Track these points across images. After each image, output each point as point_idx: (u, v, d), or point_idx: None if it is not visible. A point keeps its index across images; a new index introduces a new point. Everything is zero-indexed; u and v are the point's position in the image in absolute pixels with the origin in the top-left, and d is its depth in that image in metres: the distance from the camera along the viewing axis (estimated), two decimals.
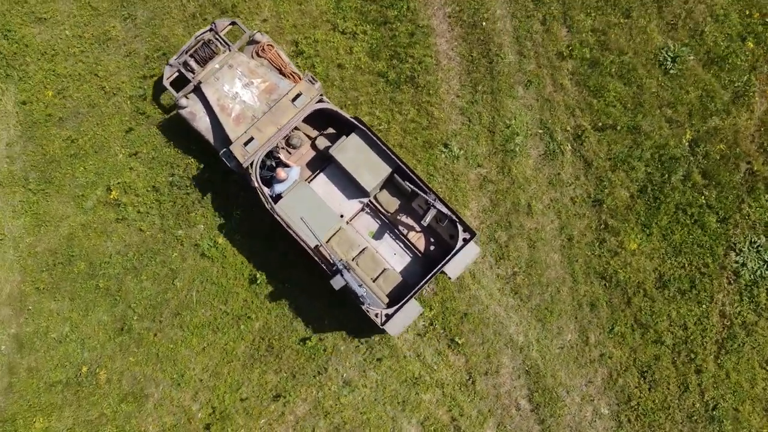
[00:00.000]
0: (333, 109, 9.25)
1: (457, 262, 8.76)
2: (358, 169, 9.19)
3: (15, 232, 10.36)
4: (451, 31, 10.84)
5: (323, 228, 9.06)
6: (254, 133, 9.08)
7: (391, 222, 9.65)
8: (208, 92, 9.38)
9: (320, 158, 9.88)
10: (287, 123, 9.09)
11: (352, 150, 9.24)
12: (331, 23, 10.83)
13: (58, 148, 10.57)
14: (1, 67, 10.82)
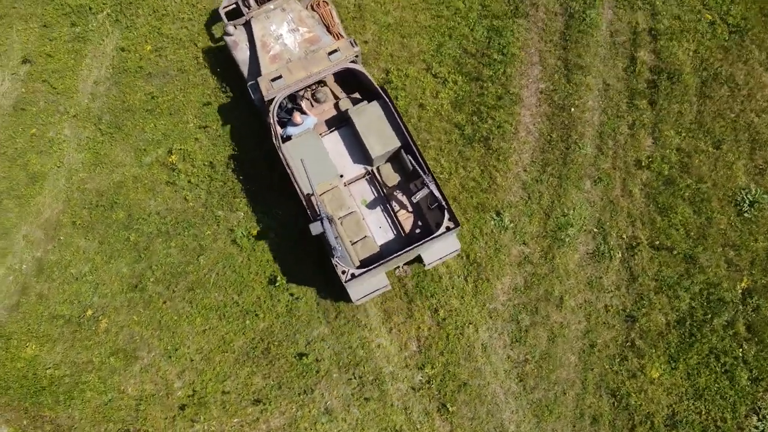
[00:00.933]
0: (363, 73, 9.55)
1: (435, 250, 9.11)
2: (369, 135, 9.44)
3: (72, 164, 10.72)
4: (538, 106, 10.82)
5: (320, 178, 9.26)
6: (284, 73, 9.40)
7: (386, 197, 9.77)
8: (255, 27, 9.81)
9: (338, 119, 10.08)
10: (317, 72, 9.40)
11: (369, 115, 9.51)
12: (426, 63, 10.97)
13: (137, 99, 10.95)
14: (114, 12, 11.36)
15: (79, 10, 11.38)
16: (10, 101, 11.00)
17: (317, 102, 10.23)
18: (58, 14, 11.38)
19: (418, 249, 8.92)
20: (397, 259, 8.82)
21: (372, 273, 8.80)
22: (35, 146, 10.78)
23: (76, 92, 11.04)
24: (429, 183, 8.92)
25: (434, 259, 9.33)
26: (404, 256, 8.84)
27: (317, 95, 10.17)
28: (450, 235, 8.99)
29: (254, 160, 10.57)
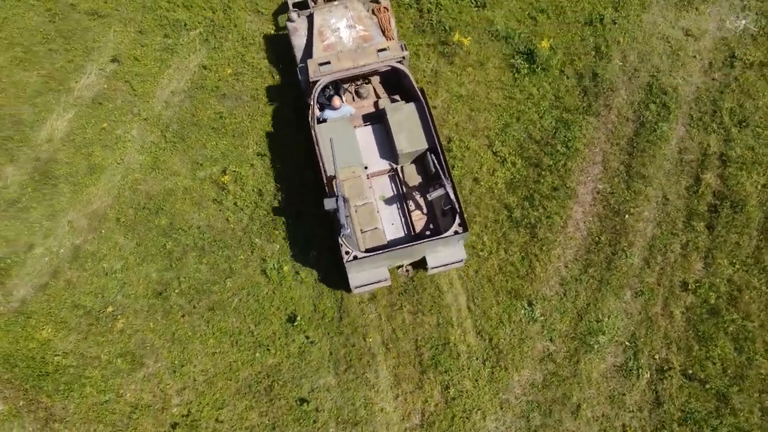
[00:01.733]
0: (406, 74, 9.99)
1: (440, 254, 9.32)
2: (400, 133, 9.76)
3: (131, 164, 11.07)
4: (592, 205, 10.67)
5: (345, 163, 9.52)
6: (333, 60, 9.91)
7: (404, 195, 10.03)
8: (316, 18, 10.48)
9: (375, 116, 10.49)
10: (364, 65, 9.89)
11: (404, 114, 9.85)
12: (489, 140, 11.03)
13: (206, 116, 11.33)
14: (206, 31, 11.92)
15: (174, 24, 11.99)
16: (91, 93, 11.54)
17: (359, 97, 10.73)
18: (155, 24, 12.01)
19: (425, 247, 9.01)
20: (402, 253, 8.97)
21: (374, 261, 8.92)
22: (102, 140, 11.21)
23: (153, 98, 11.51)
24: (447, 184, 9.07)
25: (438, 264, 9.37)
26: (410, 250, 8.95)
27: (360, 90, 10.69)
28: (457, 242, 9.14)
29: (302, 199, 10.69)
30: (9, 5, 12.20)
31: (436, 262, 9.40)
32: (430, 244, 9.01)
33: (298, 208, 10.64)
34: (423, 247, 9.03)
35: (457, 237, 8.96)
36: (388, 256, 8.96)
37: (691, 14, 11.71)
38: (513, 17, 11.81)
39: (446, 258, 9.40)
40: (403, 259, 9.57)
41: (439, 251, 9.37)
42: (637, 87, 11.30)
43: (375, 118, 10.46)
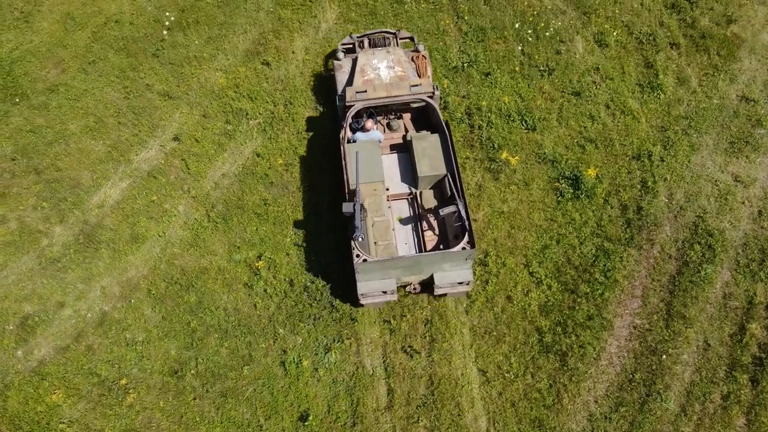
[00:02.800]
0: (434, 108, 10.80)
1: (447, 274, 9.67)
2: (422, 158, 10.43)
3: (172, 238, 11.33)
4: (628, 340, 10.25)
5: (367, 178, 10.16)
6: (369, 89, 10.82)
7: (420, 217, 10.61)
8: (360, 58, 11.44)
9: (402, 147, 11.38)
10: (396, 96, 10.79)
11: (427, 143, 10.56)
12: (526, 259, 10.92)
13: (251, 201, 11.65)
14: (265, 122, 12.54)
15: (237, 112, 12.67)
16: (147, 167, 12.09)
17: (390, 129, 11.68)
18: (219, 110, 12.72)
19: (433, 261, 9.39)
20: (410, 264, 9.36)
21: (383, 267, 9.33)
22: (149, 211, 11.58)
23: (204, 177, 11.96)
24: (459, 203, 9.61)
25: (445, 283, 9.72)
26: (418, 262, 9.37)
27: (392, 124, 11.66)
28: (464, 261, 9.48)
29: (333, 295, 10.65)
30: (92, 79, 13.18)
31: (444, 281, 9.72)
32: (439, 261, 9.37)
33: (328, 304, 10.56)
34: (431, 261, 9.38)
35: (464, 254, 9.27)
36: (397, 265, 9.32)
37: (741, 161, 11.72)
38: (561, 143, 12.06)
39: (453, 277, 9.70)
40: (411, 274, 9.82)
41: (446, 270, 9.67)
42: (682, 225, 11.16)
43: (401, 148, 11.38)
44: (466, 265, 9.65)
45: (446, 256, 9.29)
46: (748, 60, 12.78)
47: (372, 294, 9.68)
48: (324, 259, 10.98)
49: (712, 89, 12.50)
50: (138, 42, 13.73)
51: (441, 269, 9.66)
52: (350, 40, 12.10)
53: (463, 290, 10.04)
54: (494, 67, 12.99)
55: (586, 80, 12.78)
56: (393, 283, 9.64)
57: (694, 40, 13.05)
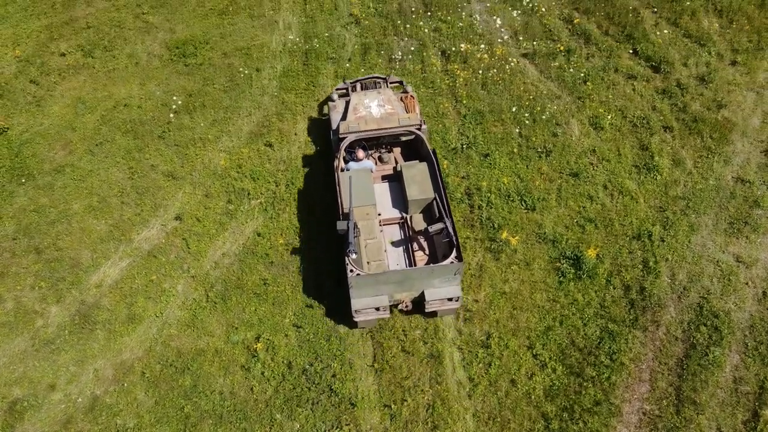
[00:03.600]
0: (422, 138, 11.67)
1: (437, 290, 10.20)
2: (412, 184, 11.20)
3: (169, 319, 11.17)
4: (638, 427, 9.86)
5: (360, 202, 10.80)
6: (361, 122, 11.71)
7: (411, 239, 11.21)
8: (353, 98, 12.38)
9: (393, 177, 12.13)
10: (386, 128, 11.69)
11: (416, 170, 11.38)
12: (529, 341, 10.70)
13: (251, 281, 11.56)
14: (266, 202, 12.66)
15: (239, 192, 12.83)
16: (148, 246, 12.10)
17: (381, 162, 12.40)
18: (221, 190, 12.90)
19: (423, 276, 9.96)
20: (401, 278, 9.89)
21: (376, 282, 9.86)
22: (148, 291, 11.48)
23: (205, 257, 11.94)
24: (446, 219, 10.19)
25: (435, 298, 10.24)
26: (409, 277, 9.91)
27: (383, 157, 12.39)
28: (453, 276, 10.02)
29: (332, 379, 10.36)
30: (98, 160, 13.46)
31: (434, 296, 10.23)
32: (428, 275, 9.95)
33: (328, 384, 10.25)
34: (421, 276, 9.97)
35: (452, 268, 9.83)
36: (389, 279, 9.85)
37: (742, 241, 11.74)
38: (561, 223, 12.12)
39: (443, 293, 10.23)
40: (402, 291, 10.29)
41: (436, 286, 10.21)
42: (686, 306, 11.02)
43: (392, 178, 12.15)
44: (455, 280, 10.17)
45: (435, 270, 9.86)
46: (741, 143, 13.08)
47: (365, 310, 10.18)
48: (327, 340, 10.76)
49: (707, 170, 12.70)
50: (145, 124, 14.12)
51: (431, 285, 10.19)
52: (344, 85, 13.18)
53: (452, 307, 10.54)
54: (493, 148, 13.27)
55: (584, 161, 13.02)
56: (385, 299, 10.17)
57: (687, 124, 13.40)
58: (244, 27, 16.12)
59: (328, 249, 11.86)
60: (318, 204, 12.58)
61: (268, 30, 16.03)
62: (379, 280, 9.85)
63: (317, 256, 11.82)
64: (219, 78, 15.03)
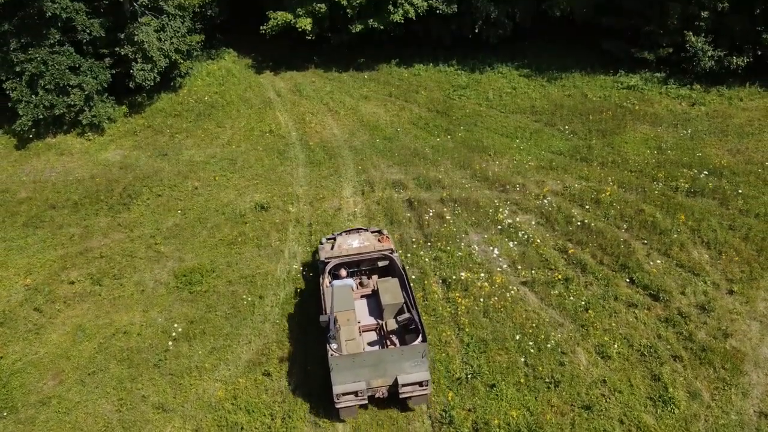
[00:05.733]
0: (393, 260, 14.19)
1: (408, 375, 11.69)
2: (385, 293, 13.40)
3: None
4: None
5: (341, 308, 12.47)
6: (343, 251, 14.32)
7: (385, 338, 13.04)
8: (338, 240, 14.84)
9: (371, 296, 14.28)
10: (363, 252, 14.31)
11: (389, 284, 13.72)
12: None
13: None
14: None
15: (232, 427, 12.00)
16: None
17: (362, 286, 14.52)
18: (213, 424, 12.10)
19: (394, 356, 11.61)
20: (375, 360, 11.62)
21: (353, 368, 11.52)
22: None
23: None
24: (412, 311, 12.62)
25: (407, 381, 11.70)
26: (383, 360, 11.61)
27: (363, 282, 14.61)
28: (421, 359, 11.61)
29: None
30: (87, 390, 12.95)
31: (406, 380, 11.69)
32: (398, 358, 11.59)
33: None
34: (392, 358, 11.59)
35: (419, 348, 11.57)
36: (364, 362, 11.57)
37: None
38: None
39: (414, 376, 11.71)
40: (378, 377, 11.78)
41: (407, 371, 11.70)
42: None
43: (370, 296, 14.28)
44: (423, 365, 11.71)
45: (404, 352, 11.63)
46: (755, 374, 12.63)
47: (346, 394, 11.58)
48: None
49: (727, 404, 12.05)
50: (142, 352, 13.85)
51: (402, 370, 11.70)
52: (332, 236, 15.30)
53: (423, 393, 11.95)
54: (498, 378, 12.79)
55: (595, 393, 12.44)
56: (363, 385, 11.65)
57: (696, 353, 13.09)
58: (251, 256, 16.75)
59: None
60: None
61: (274, 259, 16.63)
62: (356, 363, 11.54)
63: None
64: (222, 305, 15.16)
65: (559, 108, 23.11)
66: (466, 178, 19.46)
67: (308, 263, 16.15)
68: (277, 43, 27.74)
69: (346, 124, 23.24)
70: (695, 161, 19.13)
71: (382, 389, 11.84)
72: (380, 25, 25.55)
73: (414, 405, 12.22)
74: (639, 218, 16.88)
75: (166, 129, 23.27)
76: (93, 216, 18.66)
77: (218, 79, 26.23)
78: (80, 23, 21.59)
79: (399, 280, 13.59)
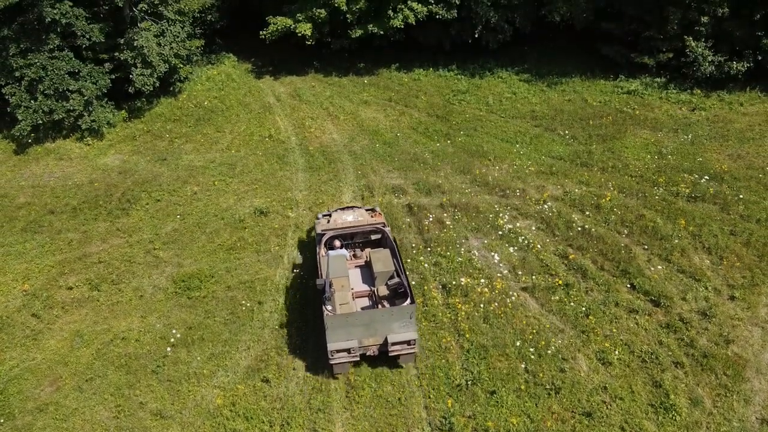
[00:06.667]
0: (385, 232, 15.21)
1: (396, 334, 12.62)
2: (377, 262, 14.30)
3: None
4: None
5: (336, 275, 13.58)
6: (338, 224, 15.41)
7: (377, 304, 13.98)
8: (333, 215, 15.90)
9: (364, 266, 15.27)
10: (356, 225, 15.38)
11: (381, 254, 14.63)
12: None
13: None
14: None
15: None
16: None
17: (355, 257, 15.61)
18: (211, 431, 12.03)
19: (383, 316, 12.55)
20: (367, 319, 12.57)
21: (346, 326, 12.43)
22: None
23: None
24: (402, 276, 13.42)
25: (396, 340, 12.63)
26: (373, 319, 12.54)
27: (357, 254, 15.70)
28: (409, 319, 12.54)
29: None
30: (85, 397, 12.85)
31: (395, 339, 12.62)
32: (388, 318, 12.52)
33: None
34: (382, 318, 12.52)
35: (407, 309, 12.52)
36: (356, 321, 12.51)
37: None
38: None
39: (402, 337, 12.63)
40: (369, 335, 12.71)
41: (396, 331, 12.63)
42: None
43: (363, 267, 15.26)
44: (411, 325, 12.63)
45: (394, 312, 12.56)
46: (757, 380, 12.54)
47: (339, 351, 12.50)
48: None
49: (729, 411, 11.96)
50: (140, 359, 13.76)
51: (391, 330, 12.61)
52: (328, 212, 16.35)
53: (411, 352, 12.93)
54: (499, 385, 12.70)
55: (596, 400, 12.35)
56: (355, 343, 12.54)
57: (697, 360, 13.01)
58: (250, 262, 16.67)
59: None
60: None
61: (273, 264, 16.55)
62: (348, 322, 12.42)
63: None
64: (221, 311, 15.08)
65: (559, 113, 23.09)
66: (466, 183, 19.41)
67: (307, 267, 16.06)
68: (277, 48, 27.73)
69: (345, 129, 23.20)
70: (696, 166, 19.09)
71: (373, 348, 12.80)
72: (380, 30, 25.58)
73: (403, 363, 13.19)
74: (640, 223, 16.82)
75: (166, 134, 23.23)
76: (92, 221, 18.59)
77: (218, 83, 26.20)
78: (80, 28, 21.57)
79: (390, 251, 14.52)
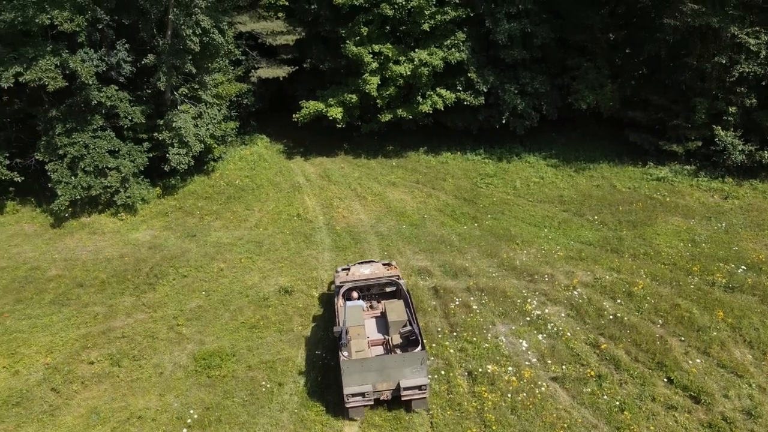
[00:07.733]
0: (399, 285, 16.10)
1: (409, 379, 13.40)
2: (391, 312, 14.99)
3: None
4: None
5: (352, 323, 14.42)
6: (353, 274, 16.40)
7: (390, 350, 14.68)
8: (352, 269, 16.75)
9: (379, 317, 15.85)
10: (372, 278, 16.23)
11: (395, 304, 15.28)
12: None
13: None
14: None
15: None
16: None
17: (371, 309, 16.25)
18: None
19: (396, 361, 13.41)
20: (380, 366, 13.38)
21: (361, 372, 13.22)
22: None
23: None
24: (413, 326, 14.28)
25: (408, 385, 13.34)
26: (386, 365, 13.38)
27: (373, 305, 16.30)
28: (420, 365, 13.27)
29: None
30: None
31: (407, 384, 13.27)
32: (400, 363, 13.29)
33: None
34: (395, 363, 13.31)
35: (418, 355, 13.24)
36: (371, 366, 13.24)
37: None
38: None
39: (414, 382, 13.28)
40: (382, 380, 13.37)
41: (408, 376, 13.28)
42: None
43: (379, 317, 15.82)
44: (422, 370, 13.30)
45: (406, 358, 13.33)
46: None
47: (355, 395, 13.16)
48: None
49: None
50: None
51: (403, 375, 13.29)
52: (347, 266, 17.17)
53: (422, 396, 13.51)
54: None
55: None
56: (370, 387, 13.25)
57: None
58: (272, 341, 16.41)
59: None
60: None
61: (296, 344, 16.26)
62: (363, 367, 13.18)
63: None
64: (240, 391, 14.70)
65: (587, 198, 23.00)
66: (493, 266, 19.15)
67: (328, 348, 15.72)
68: (308, 130, 28.62)
69: (372, 210, 23.40)
70: (731, 255, 18.57)
71: (386, 392, 13.48)
72: (409, 115, 26.31)
73: (415, 408, 13.67)
74: (674, 313, 16.21)
75: (197, 210, 23.71)
76: (118, 295, 18.70)
77: (250, 163, 26.95)
78: (123, 110, 22.65)
79: (404, 302, 15.29)
